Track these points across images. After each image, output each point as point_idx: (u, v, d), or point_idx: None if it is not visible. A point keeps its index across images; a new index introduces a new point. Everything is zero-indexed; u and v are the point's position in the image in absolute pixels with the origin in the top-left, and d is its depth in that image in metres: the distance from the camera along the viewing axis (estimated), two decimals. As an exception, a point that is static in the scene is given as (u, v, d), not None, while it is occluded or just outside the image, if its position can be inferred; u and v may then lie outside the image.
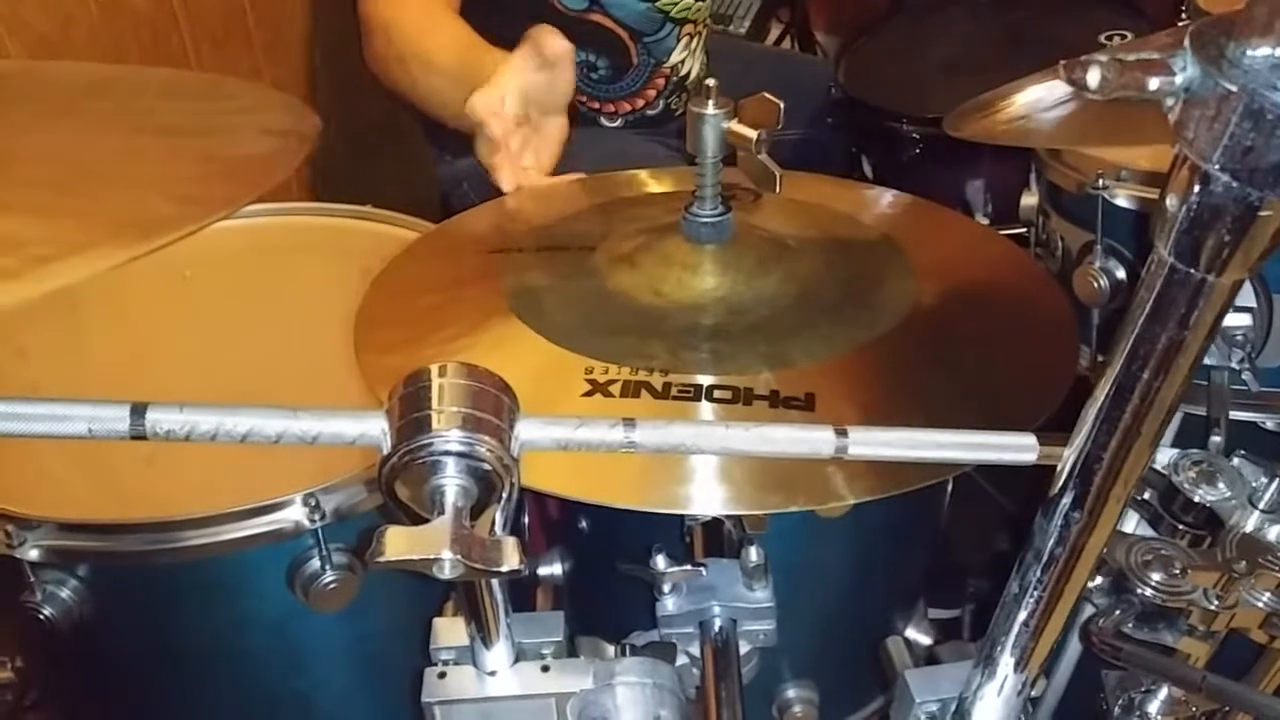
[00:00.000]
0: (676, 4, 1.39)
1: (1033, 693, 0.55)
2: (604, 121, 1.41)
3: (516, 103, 0.95)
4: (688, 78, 1.47)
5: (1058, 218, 0.98)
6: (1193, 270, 0.35)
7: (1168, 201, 0.34)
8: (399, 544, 0.42)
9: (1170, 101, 0.32)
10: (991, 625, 0.52)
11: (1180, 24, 1.10)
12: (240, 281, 1.06)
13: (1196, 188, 0.33)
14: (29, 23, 1.18)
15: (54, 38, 1.21)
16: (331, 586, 0.75)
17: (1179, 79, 0.31)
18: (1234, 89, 0.31)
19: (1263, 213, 0.32)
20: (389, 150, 1.53)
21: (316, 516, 0.73)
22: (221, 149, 0.53)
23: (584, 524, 0.86)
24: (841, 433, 0.48)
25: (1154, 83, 0.31)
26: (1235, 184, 0.32)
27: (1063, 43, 1.39)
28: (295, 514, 0.73)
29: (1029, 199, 1.04)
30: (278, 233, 1.06)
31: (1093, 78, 0.32)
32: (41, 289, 0.37)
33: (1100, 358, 0.93)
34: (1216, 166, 0.32)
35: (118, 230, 0.41)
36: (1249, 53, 0.30)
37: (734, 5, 1.85)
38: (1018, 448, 0.48)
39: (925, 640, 0.88)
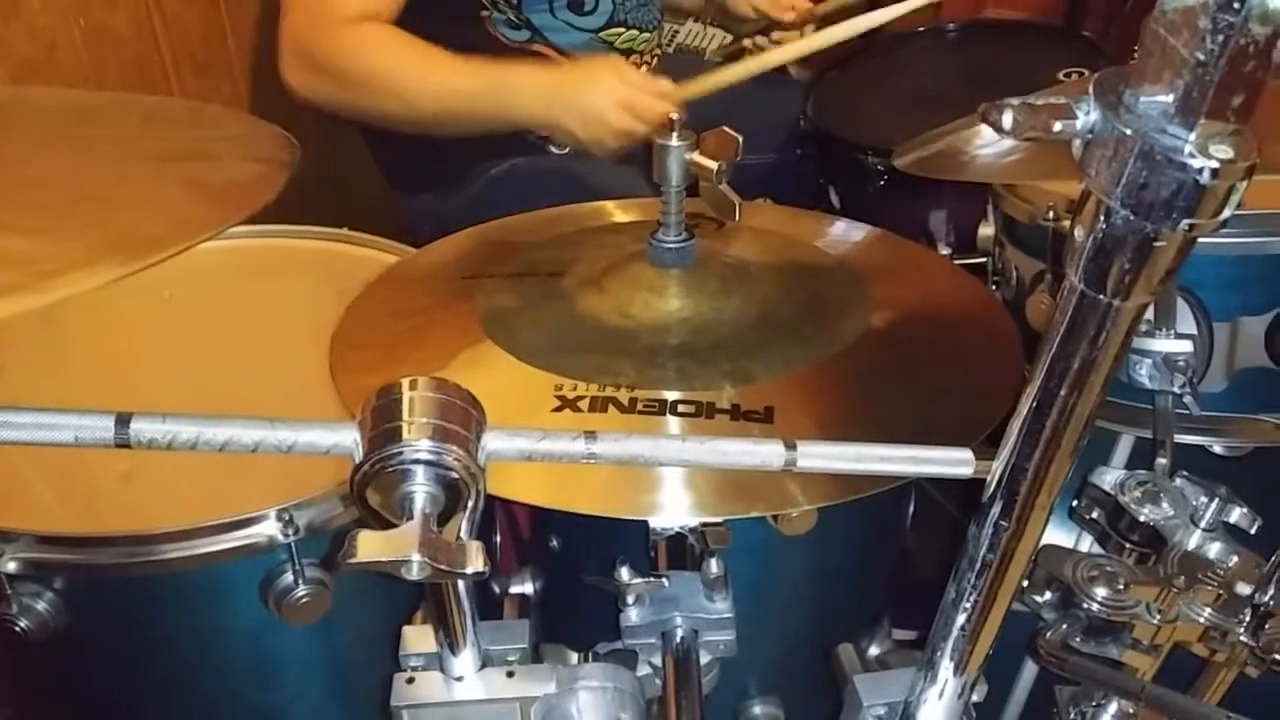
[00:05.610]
0: (620, 35, 1.39)
1: (974, 697, 0.58)
2: (552, 149, 1.35)
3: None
4: None
5: (1012, 248, 1.02)
6: (1101, 295, 0.38)
7: (1076, 232, 0.38)
8: (370, 546, 0.45)
9: (1076, 143, 0.36)
10: (931, 631, 0.54)
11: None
12: (219, 302, 1.07)
13: (1101, 220, 0.37)
14: (13, 48, 1.20)
15: (38, 62, 1.23)
16: (304, 600, 0.76)
17: (1081, 122, 0.35)
18: (1129, 132, 0.34)
19: (1158, 243, 0.36)
20: (366, 177, 1.56)
21: (290, 531, 0.75)
22: (206, 174, 0.56)
23: (554, 542, 0.88)
24: (790, 446, 0.51)
25: (1059, 125, 0.35)
26: (1133, 217, 0.35)
27: (1025, 79, 1.42)
28: (269, 529, 0.75)
29: (986, 230, 1.07)
30: (257, 253, 1.08)
31: (1006, 120, 0.36)
32: (47, 300, 0.40)
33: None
34: (1116, 202, 0.35)
35: (113, 248, 0.44)
36: (1143, 99, 0.34)
37: (705, 37, 1.89)
38: (956, 462, 0.51)
39: (887, 657, 0.91)
